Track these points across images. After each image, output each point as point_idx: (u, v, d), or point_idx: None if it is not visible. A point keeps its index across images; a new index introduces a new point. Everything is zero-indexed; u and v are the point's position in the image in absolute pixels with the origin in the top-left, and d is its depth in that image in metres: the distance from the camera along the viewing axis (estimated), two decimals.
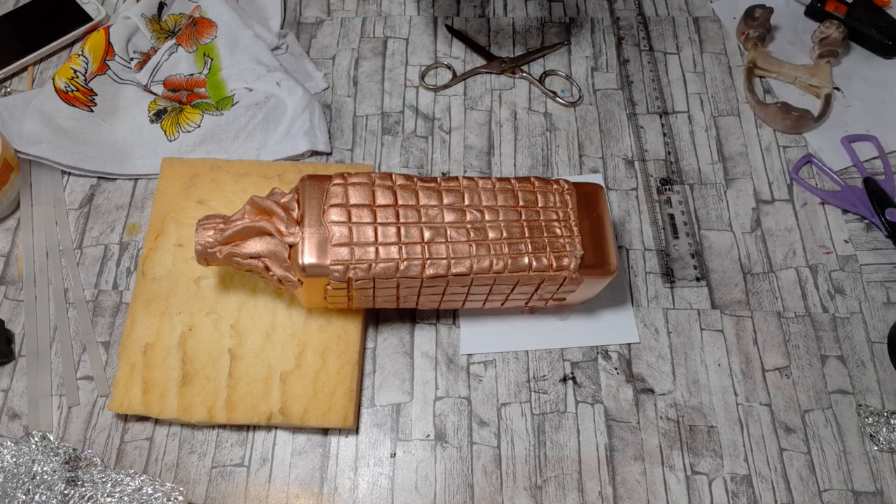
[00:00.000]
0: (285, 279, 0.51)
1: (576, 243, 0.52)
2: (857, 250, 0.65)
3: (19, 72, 0.74)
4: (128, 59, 0.72)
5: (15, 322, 0.61)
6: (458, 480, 0.55)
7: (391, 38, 0.77)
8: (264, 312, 0.59)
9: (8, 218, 0.66)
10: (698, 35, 0.78)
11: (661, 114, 0.72)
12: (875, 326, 0.61)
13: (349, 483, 0.55)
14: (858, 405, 0.58)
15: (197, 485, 0.55)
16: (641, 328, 0.61)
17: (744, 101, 0.73)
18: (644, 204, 0.67)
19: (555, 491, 0.55)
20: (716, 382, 0.59)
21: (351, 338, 0.58)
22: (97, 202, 0.67)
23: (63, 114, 0.68)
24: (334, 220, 0.50)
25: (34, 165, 0.67)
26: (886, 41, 0.75)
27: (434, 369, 0.59)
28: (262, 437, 0.57)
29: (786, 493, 0.55)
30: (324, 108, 0.72)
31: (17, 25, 0.76)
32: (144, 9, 0.73)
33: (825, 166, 0.69)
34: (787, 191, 0.68)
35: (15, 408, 0.58)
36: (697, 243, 0.65)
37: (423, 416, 0.58)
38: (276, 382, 0.56)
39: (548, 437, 0.57)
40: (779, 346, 0.61)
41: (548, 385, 0.59)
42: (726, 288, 0.63)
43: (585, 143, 0.70)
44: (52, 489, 0.51)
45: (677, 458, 0.56)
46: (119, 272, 0.63)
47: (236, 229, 0.51)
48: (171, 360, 0.57)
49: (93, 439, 0.57)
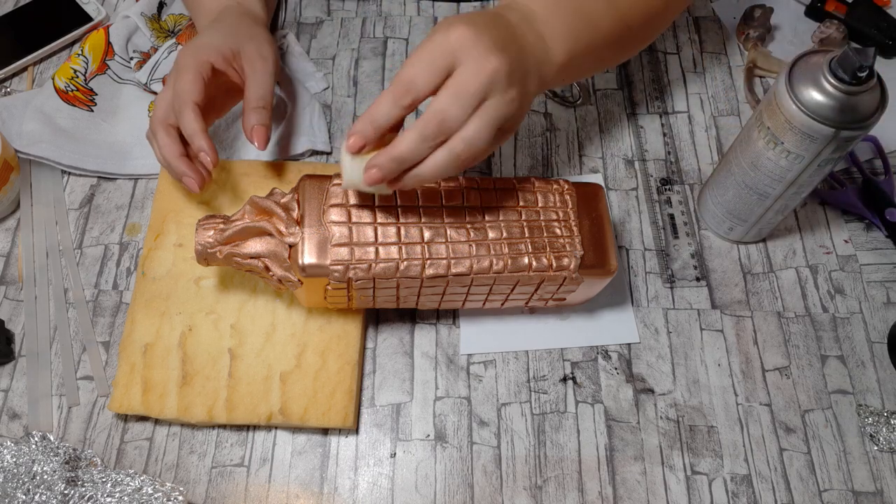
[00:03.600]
0: (285, 279, 0.51)
1: (576, 243, 0.52)
2: (857, 250, 0.65)
3: (19, 72, 0.74)
4: (127, 58, 0.71)
5: (15, 322, 0.61)
6: (458, 480, 0.55)
7: (391, 38, 0.77)
8: (264, 312, 0.59)
9: (8, 218, 0.66)
10: (698, 35, 0.78)
11: (661, 114, 0.72)
12: (875, 326, 0.61)
13: (349, 483, 0.55)
14: (858, 405, 0.58)
15: (197, 485, 0.55)
16: (641, 328, 0.61)
17: (744, 101, 0.73)
18: (644, 204, 0.67)
19: (555, 491, 0.55)
20: (716, 382, 0.59)
21: (351, 338, 0.58)
22: (97, 202, 0.67)
23: (63, 114, 0.68)
24: (334, 220, 0.50)
25: (34, 165, 0.67)
26: (886, 41, 0.75)
27: (434, 369, 0.59)
28: (262, 437, 0.57)
29: (786, 493, 0.55)
30: (324, 108, 0.72)
31: (17, 25, 0.76)
32: (144, 8, 0.73)
33: None
34: None
35: (15, 408, 0.58)
36: (697, 243, 0.65)
37: (423, 416, 0.58)
38: (276, 382, 0.56)
39: (548, 437, 0.57)
40: (779, 346, 0.61)
41: (548, 385, 0.59)
42: (726, 288, 0.63)
43: (585, 143, 0.70)
44: (52, 489, 0.51)
45: (677, 458, 0.56)
46: (119, 272, 0.63)
47: (236, 229, 0.51)
48: (171, 360, 0.57)
49: (93, 439, 0.57)
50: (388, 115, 0.43)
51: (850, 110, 0.49)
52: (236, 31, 0.55)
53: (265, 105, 0.52)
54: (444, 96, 0.42)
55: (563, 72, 0.49)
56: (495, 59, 0.42)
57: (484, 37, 0.42)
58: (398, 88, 0.42)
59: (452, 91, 0.42)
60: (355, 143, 0.44)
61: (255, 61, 0.53)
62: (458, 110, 0.42)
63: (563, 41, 0.48)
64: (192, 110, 0.52)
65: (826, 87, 0.49)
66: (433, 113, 0.42)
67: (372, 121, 0.43)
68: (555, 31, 0.48)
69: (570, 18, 0.49)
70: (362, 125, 0.43)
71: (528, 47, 0.46)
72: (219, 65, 0.53)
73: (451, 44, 0.42)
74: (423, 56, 0.42)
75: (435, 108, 0.42)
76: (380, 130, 0.44)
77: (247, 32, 0.55)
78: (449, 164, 0.44)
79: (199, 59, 0.53)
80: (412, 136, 0.43)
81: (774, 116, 0.52)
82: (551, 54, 0.48)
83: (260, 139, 0.51)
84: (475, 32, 0.42)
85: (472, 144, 0.43)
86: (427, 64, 0.42)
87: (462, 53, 0.42)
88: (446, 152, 0.43)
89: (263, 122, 0.51)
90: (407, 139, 0.43)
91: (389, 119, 0.43)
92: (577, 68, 0.51)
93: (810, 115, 0.50)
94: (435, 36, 0.42)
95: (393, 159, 0.43)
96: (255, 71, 0.53)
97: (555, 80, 0.49)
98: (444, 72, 0.42)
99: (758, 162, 0.56)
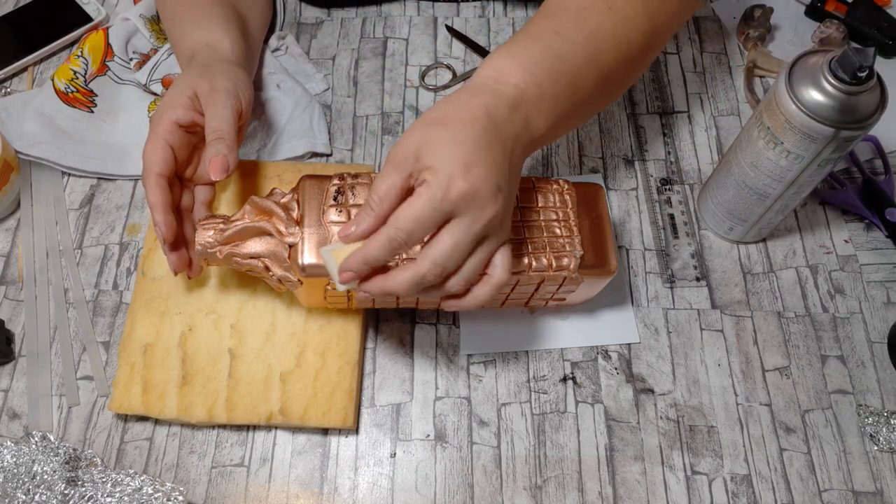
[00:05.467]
0: (285, 279, 0.51)
1: (575, 243, 0.52)
2: (857, 250, 0.65)
3: (19, 72, 0.74)
4: (127, 59, 0.72)
5: (15, 322, 0.61)
6: (458, 480, 0.55)
7: (391, 38, 0.77)
8: (264, 312, 0.59)
9: (8, 218, 0.66)
10: (698, 35, 0.78)
11: (661, 114, 0.73)
12: (875, 326, 0.61)
13: (349, 483, 0.55)
14: (858, 405, 0.58)
15: (197, 485, 0.55)
16: (641, 328, 0.61)
17: (744, 101, 0.73)
18: (644, 204, 0.67)
19: (555, 491, 0.55)
20: (716, 382, 0.59)
21: (351, 338, 0.58)
22: (97, 202, 0.67)
23: (63, 115, 0.68)
24: (334, 220, 0.50)
25: (34, 165, 0.67)
26: (886, 41, 0.75)
27: (434, 369, 0.59)
28: (262, 437, 0.57)
29: (786, 493, 0.55)
30: (324, 109, 0.72)
31: (17, 25, 0.76)
32: (143, 9, 0.73)
33: None
34: None
35: (15, 408, 0.58)
36: (697, 243, 0.65)
37: (423, 416, 0.58)
38: (276, 382, 0.56)
39: (548, 437, 0.57)
40: (779, 346, 0.61)
41: (548, 385, 0.59)
42: (726, 288, 0.63)
43: (585, 143, 0.70)
44: (52, 489, 0.51)
45: (677, 458, 0.56)
46: (119, 272, 0.63)
47: (236, 229, 0.51)
48: (171, 360, 0.57)
49: (93, 439, 0.57)
50: (382, 259, 0.44)
51: (850, 110, 0.49)
52: (202, 72, 0.56)
53: (221, 136, 0.52)
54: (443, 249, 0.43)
55: (541, 142, 0.49)
56: (492, 207, 0.43)
57: (482, 190, 0.43)
58: (396, 238, 0.43)
59: (451, 245, 0.43)
60: (348, 279, 0.45)
61: (208, 96, 0.54)
62: (455, 260, 0.44)
63: (546, 119, 0.48)
64: (153, 183, 0.52)
65: (826, 87, 0.49)
66: (431, 265, 0.43)
67: (366, 261, 0.44)
68: (541, 109, 0.48)
69: (557, 89, 0.48)
70: (357, 265, 0.45)
71: (518, 141, 0.46)
72: (182, 118, 0.53)
73: (450, 203, 0.42)
74: (421, 212, 0.43)
75: (433, 259, 0.43)
76: (372, 269, 0.45)
77: (210, 71, 0.56)
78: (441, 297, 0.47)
79: (162, 123, 0.53)
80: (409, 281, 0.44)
81: (774, 116, 0.52)
82: (534, 135, 0.48)
83: (215, 170, 0.51)
84: (473, 189, 0.42)
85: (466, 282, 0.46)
86: (426, 220, 0.43)
87: (460, 208, 0.43)
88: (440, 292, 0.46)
89: (219, 153, 0.51)
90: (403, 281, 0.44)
91: (383, 262, 0.45)
92: (553, 136, 0.51)
93: (810, 115, 0.50)
94: (434, 191, 0.42)
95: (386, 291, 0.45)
96: (209, 104, 0.53)
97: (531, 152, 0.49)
98: (441, 223, 0.43)
99: (758, 162, 0.56)
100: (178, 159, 0.54)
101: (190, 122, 0.54)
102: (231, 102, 0.54)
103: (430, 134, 0.44)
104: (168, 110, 0.54)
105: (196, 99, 0.54)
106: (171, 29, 0.64)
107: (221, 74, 0.56)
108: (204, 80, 0.55)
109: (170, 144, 0.53)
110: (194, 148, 0.57)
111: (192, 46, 0.60)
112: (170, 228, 0.52)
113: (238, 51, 0.61)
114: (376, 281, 0.45)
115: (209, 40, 0.60)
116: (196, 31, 0.61)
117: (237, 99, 0.55)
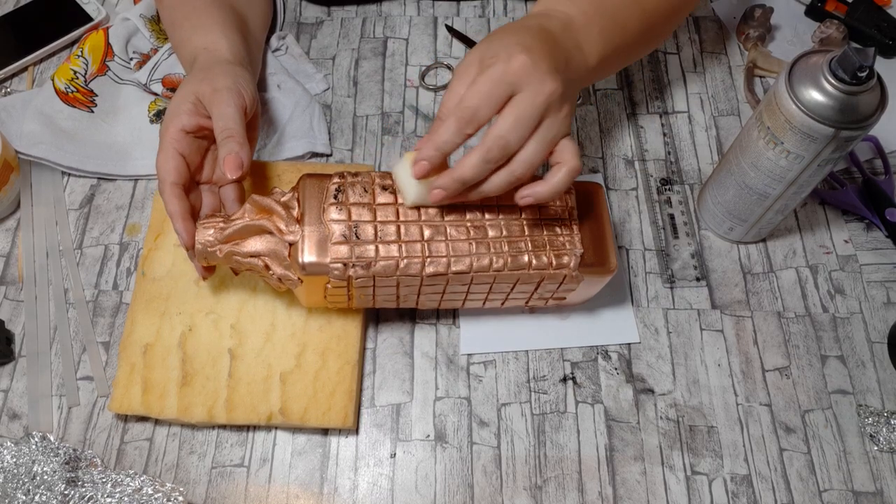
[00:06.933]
0: (285, 278, 0.51)
1: (575, 242, 0.52)
2: (857, 250, 0.65)
3: (19, 72, 0.74)
4: (127, 59, 0.72)
5: (15, 322, 0.61)
6: (458, 481, 0.55)
7: (391, 38, 0.77)
8: (264, 312, 0.59)
9: (8, 218, 0.66)
10: (698, 35, 0.78)
11: (661, 114, 0.73)
12: (875, 326, 0.61)
13: (349, 483, 0.55)
14: (858, 405, 0.58)
15: (197, 485, 0.55)
16: (641, 328, 0.61)
17: (744, 101, 0.73)
18: (644, 204, 0.67)
19: (555, 491, 0.55)
20: (716, 382, 0.59)
21: (351, 338, 0.58)
22: (97, 202, 0.67)
23: (63, 115, 0.68)
24: (334, 218, 0.50)
25: (34, 165, 0.67)
26: (886, 41, 0.75)
27: (434, 369, 0.59)
28: (262, 437, 0.57)
29: (786, 493, 0.55)
30: (324, 109, 0.72)
31: (17, 25, 0.76)
32: (144, 9, 0.73)
33: None
34: None
35: (15, 408, 0.58)
36: (697, 243, 0.65)
37: (423, 417, 0.58)
38: (276, 382, 0.56)
39: (548, 438, 0.57)
40: (779, 346, 0.61)
41: (548, 385, 0.59)
42: (726, 288, 0.63)
43: (585, 143, 0.70)
44: (52, 489, 0.51)
45: (677, 458, 0.56)
46: (119, 272, 0.63)
47: (236, 228, 0.51)
48: (171, 360, 0.57)
49: (93, 440, 0.56)
50: (453, 142, 0.46)
51: (850, 110, 0.49)
52: (202, 76, 0.56)
53: (230, 134, 0.52)
54: (506, 123, 0.46)
55: (595, 74, 0.53)
56: (551, 83, 0.46)
57: (541, 63, 0.46)
58: (462, 117, 0.46)
59: (513, 118, 0.45)
60: (423, 169, 0.47)
61: (211, 97, 0.54)
62: (519, 135, 0.46)
63: (597, 47, 0.52)
64: (169, 193, 0.52)
65: (826, 87, 0.49)
66: (496, 139, 0.46)
67: (437, 147, 0.46)
68: (590, 37, 0.51)
69: (604, 23, 0.52)
70: (429, 152, 0.47)
71: (572, 60, 0.50)
72: (188, 124, 0.54)
73: (511, 74, 0.45)
74: (485, 86, 0.45)
75: (497, 133, 0.46)
76: (445, 156, 0.47)
77: (211, 74, 0.56)
78: (509, 183, 0.48)
79: (169, 132, 0.54)
80: (475, 160, 0.46)
81: (774, 116, 0.52)
82: (588, 61, 0.51)
83: (230, 168, 0.51)
84: (533, 61, 0.45)
85: (531, 164, 0.47)
86: (489, 94, 0.45)
87: (521, 81, 0.45)
88: (507, 174, 0.47)
89: (230, 151, 0.51)
90: (470, 163, 0.46)
91: (453, 146, 0.47)
92: (605, 70, 0.55)
93: (810, 115, 0.50)
94: (497, 65, 0.45)
95: (457, 181, 0.47)
96: (214, 105, 0.54)
97: (587, 83, 0.53)
98: (504, 100, 0.46)
99: (758, 162, 0.56)
100: (190, 166, 0.54)
101: (196, 127, 0.54)
102: (234, 100, 0.54)
103: (489, 40, 0.48)
104: (173, 119, 0.54)
105: (199, 103, 0.54)
106: (172, 34, 0.65)
107: (221, 74, 0.56)
108: (205, 84, 0.55)
109: (180, 153, 0.53)
110: (208, 151, 0.57)
111: (192, 51, 0.61)
112: (191, 235, 0.52)
113: (237, 51, 0.61)
114: (446, 174, 0.47)
115: (207, 44, 0.61)
116: (195, 35, 0.62)
117: (240, 96, 0.55)
